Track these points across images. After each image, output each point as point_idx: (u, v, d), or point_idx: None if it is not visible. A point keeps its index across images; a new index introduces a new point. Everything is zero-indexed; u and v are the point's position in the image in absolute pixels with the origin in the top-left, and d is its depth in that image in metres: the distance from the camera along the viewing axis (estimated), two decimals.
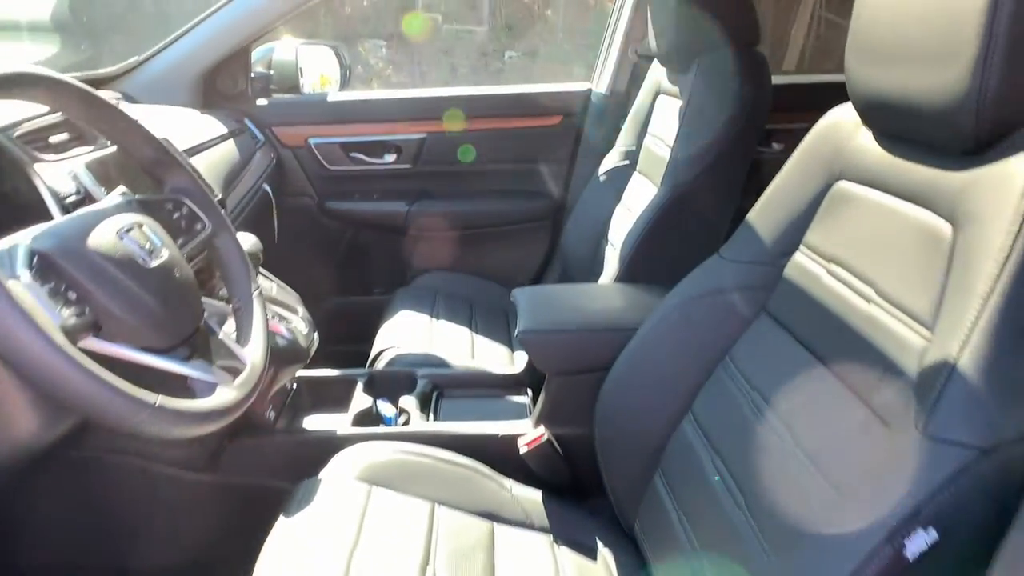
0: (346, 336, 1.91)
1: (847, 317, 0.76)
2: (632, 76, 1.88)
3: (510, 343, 1.62)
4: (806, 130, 1.41)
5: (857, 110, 0.82)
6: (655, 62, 1.64)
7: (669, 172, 1.36)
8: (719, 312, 0.97)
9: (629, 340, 1.07)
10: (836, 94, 0.87)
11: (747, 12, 1.37)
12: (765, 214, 0.96)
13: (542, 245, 2.04)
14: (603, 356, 1.09)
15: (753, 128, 1.33)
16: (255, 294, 0.87)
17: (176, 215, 0.84)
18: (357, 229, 2.01)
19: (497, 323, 1.71)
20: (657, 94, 1.62)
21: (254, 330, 0.84)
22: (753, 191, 1.38)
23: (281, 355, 1.15)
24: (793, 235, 0.91)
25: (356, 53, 9.10)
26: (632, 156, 1.69)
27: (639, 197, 1.57)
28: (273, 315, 1.17)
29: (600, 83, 1.95)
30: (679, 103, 1.47)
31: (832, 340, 0.78)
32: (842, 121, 0.87)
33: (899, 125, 0.75)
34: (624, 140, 1.73)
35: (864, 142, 0.82)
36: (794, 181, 0.92)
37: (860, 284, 0.75)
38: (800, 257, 0.89)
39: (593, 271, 1.70)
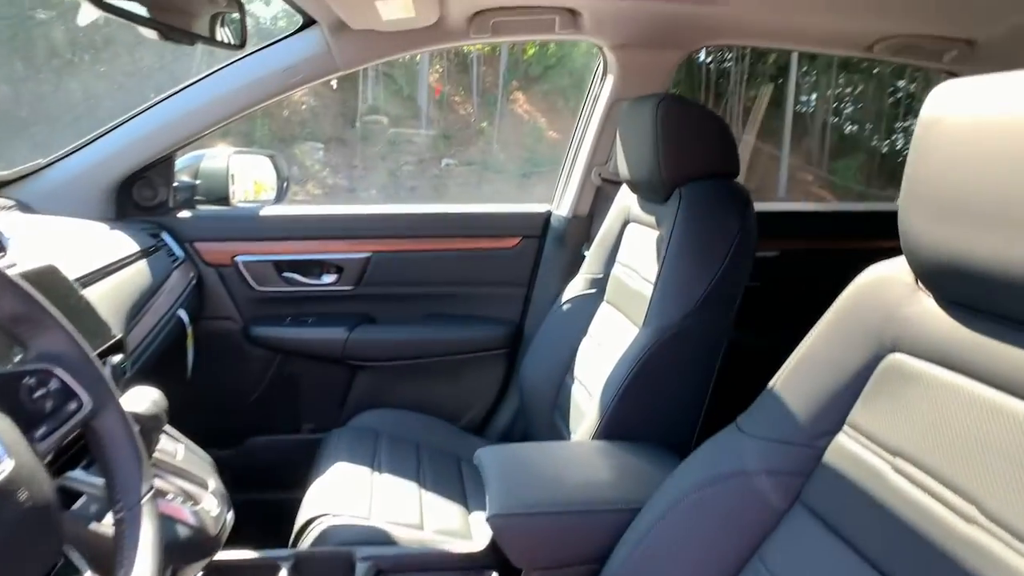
0: (269, 482, 1.64)
1: (936, 538, 0.59)
2: (596, 200, 1.78)
3: (464, 499, 1.39)
4: (771, 259, 1.30)
5: (917, 273, 0.69)
6: (624, 188, 1.54)
7: (654, 313, 1.22)
8: (744, 499, 0.80)
9: (628, 523, 0.87)
10: (794, 222, 0.80)
11: (728, 143, 1.30)
12: (793, 384, 0.81)
13: (497, 377, 1.84)
14: (597, 545, 0.89)
15: (743, 263, 1.22)
16: (145, 499, 0.63)
17: (40, 393, 0.60)
18: (286, 357, 1.76)
19: (449, 473, 1.48)
20: (627, 222, 1.51)
21: (139, 556, 0.59)
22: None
23: (184, 549, 0.88)
24: (833, 412, 0.75)
25: (291, 154, 9.05)
26: (599, 284, 1.56)
27: (611, 331, 1.42)
28: (176, 494, 0.91)
29: (561, 206, 1.84)
30: (655, 233, 1.35)
31: (914, 564, 0.61)
32: (890, 280, 0.73)
33: (981, 297, 0.61)
34: (590, 267, 1.60)
35: (926, 308, 0.68)
36: (830, 348, 0.78)
37: (952, 496, 0.59)
38: (846, 440, 0.73)
39: (557, 409, 1.52)
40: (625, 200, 1.53)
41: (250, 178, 1.82)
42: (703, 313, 1.20)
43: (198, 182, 1.69)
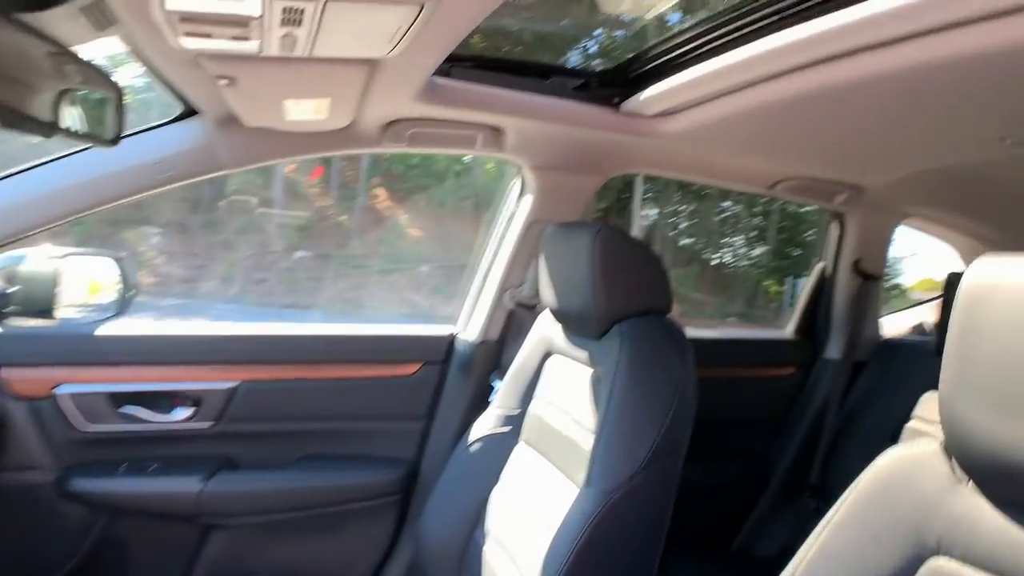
0: None
1: None
2: (508, 325, 1.63)
3: None
4: None
5: (966, 468, 0.60)
6: (545, 316, 1.41)
7: (599, 472, 1.05)
8: None
9: None
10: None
11: (664, 278, 1.22)
12: None
13: (386, 530, 1.56)
14: None
15: (689, 405, 1.11)
16: None
17: None
18: (115, 517, 1.37)
19: None
20: (549, 353, 1.37)
21: None
22: None
23: None
24: None
25: (122, 239, 8.18)
26: (514, 422, 1.38)
27: (534, 481, 1.24)
28: None
29: (468, 330, 1.66)
30: (587, 371, 1.22)
31: None
32: (922, 467, 0.63)
33: None
34: (503, 401, 1.42)
35: (974, 506, 0.59)
36: (857, 544, 0.66)
37: None
38: None
39: (465, 571, 1.29)
40: (546, 329, 1.39)
41: (84, 286, 1.46)
42: (654, 465, 1.06)
43: (13, 289, 1.32)
